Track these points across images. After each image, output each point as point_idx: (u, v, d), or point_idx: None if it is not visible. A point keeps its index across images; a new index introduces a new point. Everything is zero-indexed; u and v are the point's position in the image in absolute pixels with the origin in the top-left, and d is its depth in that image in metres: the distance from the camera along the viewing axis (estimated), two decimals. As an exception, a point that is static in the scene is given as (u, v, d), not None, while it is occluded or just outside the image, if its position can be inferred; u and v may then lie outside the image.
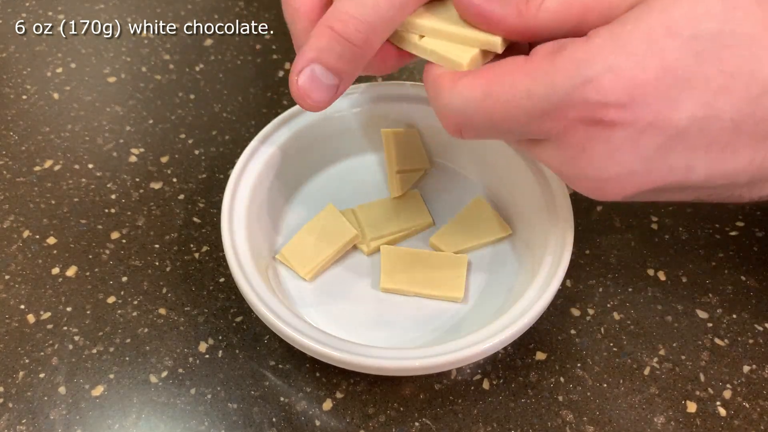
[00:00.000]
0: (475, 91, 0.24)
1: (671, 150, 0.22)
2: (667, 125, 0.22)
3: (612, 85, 0.22)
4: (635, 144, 0.22)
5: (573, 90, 0.22)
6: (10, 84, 0.48)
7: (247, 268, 0.33)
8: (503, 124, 0.24)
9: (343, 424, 0.33)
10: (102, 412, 0.33)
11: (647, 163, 0.23)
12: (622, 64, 0.22)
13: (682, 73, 0.22)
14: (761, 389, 0.35)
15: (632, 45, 0.22)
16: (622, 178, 0.23)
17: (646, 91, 0.22)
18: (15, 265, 0.39)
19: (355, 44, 0.26)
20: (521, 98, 0.23)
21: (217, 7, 0.54)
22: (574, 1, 0.24)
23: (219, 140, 0.45)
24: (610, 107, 0.22)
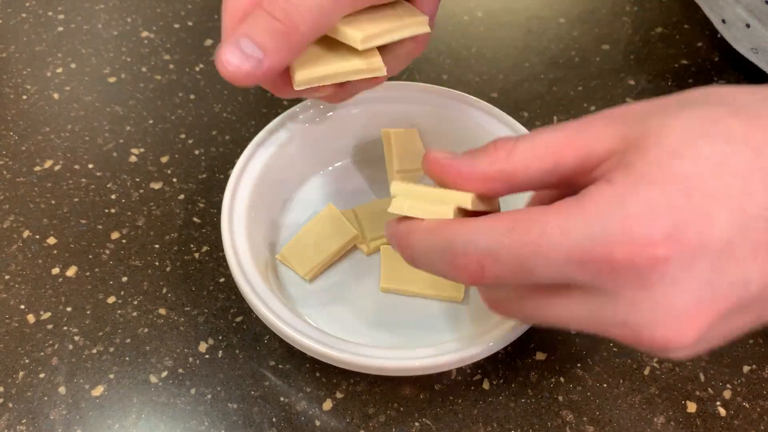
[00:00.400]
0: (499, 225, 0.23)
1: (725, 266, 0.22)
2: (712, 241, 0.21)
3: (651, 216, 0.21)
4: (693, 270, 0.21)
5: (614, 228, 0.21)
6: (10, 84, 0.48)
7: (247, 268, 0.33)
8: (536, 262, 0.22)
9: (343, 424, 0.33)
10: (102, 412, 0.33)
11: (710, 287, 0.22)
12: (652, 195, 0.21)
13: (706, 188, 0.21)
14: (761, 389, 0.35)
15: (652, 177, 0.21)
16: (693, 310, 0.22)
17: (682, 213, 0.21)
18: (15, 265, 0.39)
19: (279, 20, 0.27)
20: (553, 234, 0.22)
21: (217, 7, 0.54)
22: (544, 143, 0.24)
23: (219, 140, 0.45)
24: (658, 242, 0.21)
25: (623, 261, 0.21)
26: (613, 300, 0.22)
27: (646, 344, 0.22)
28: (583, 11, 0.54)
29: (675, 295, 0.21)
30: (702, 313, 0.22)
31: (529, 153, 0.24)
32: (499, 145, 0.24)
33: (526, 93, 0.48)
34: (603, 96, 0.48)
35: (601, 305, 0.22)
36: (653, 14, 0.54)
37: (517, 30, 0.53)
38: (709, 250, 0.21)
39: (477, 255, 0.23)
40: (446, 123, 0.40)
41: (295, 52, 0.28)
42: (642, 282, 0.21)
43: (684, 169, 0.21)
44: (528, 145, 0.24)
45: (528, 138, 0.24)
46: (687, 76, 0.49)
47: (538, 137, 0.24)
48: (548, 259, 0.22)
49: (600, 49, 0.51)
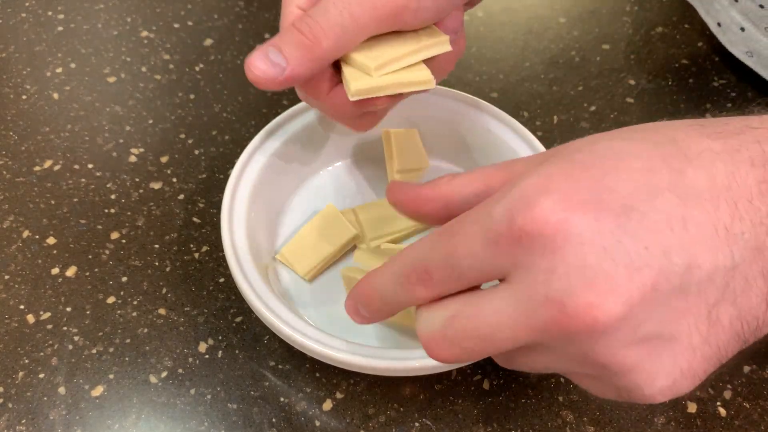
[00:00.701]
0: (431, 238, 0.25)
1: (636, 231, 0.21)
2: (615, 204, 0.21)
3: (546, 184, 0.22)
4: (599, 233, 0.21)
5: (510, 201, 0.22)
6: (10, 84, 0.48)
7: (247, 268, 0.33)
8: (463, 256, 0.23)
9: (343, 424, 0.33)
10: (102, 412, 0.33)
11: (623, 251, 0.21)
12: (547, 171, 0.22)
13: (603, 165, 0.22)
14: (761, 389, 0.35)
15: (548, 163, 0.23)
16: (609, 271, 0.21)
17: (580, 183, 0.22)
18: (15, 265, 0.39)
19: (304, 34, 0.30)
20: (471, 227, 0.23)
21: (217, 7, 0.54)
22: (480, 172, 0.26)
23: (219, 140, 0.45)
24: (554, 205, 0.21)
25: (526, 229, 0.21)
26: (532, 276, 0.21)
27: (574, 317, 0.21)
28: (583, 11, 0.54)
29: (586, 255, 0.21)
30: (620, 276, 0.21)
31: (465, 179, 0.26)
32: (444, 177, 0.27)
33: (526, 93, 0.48)
34: (603, 96, 0.48)
35: (524, 289, 0.22)
36: (653, 14, 0.54)
37: (517, 30, 0.53)
38: (613, 211, 0.21)
39: (415, 268, 0.24)
40: (446, 123, 0.40)
41: (316, 65, 0.30)
42: (551, 246, 0.21)
43: (583, 156, 0.23)
44: (465, 174, 0.27)
45: (467, 171, 0.27)
46: (687, 76, 0.49)
47: (475, 169, 0.27)
48: (468, 249, 0.23)
49: (600, 49, 0.51)
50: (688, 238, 0.21)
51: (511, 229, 0.22)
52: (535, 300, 0.21)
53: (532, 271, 0.21)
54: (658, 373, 0.22)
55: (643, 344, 0.22)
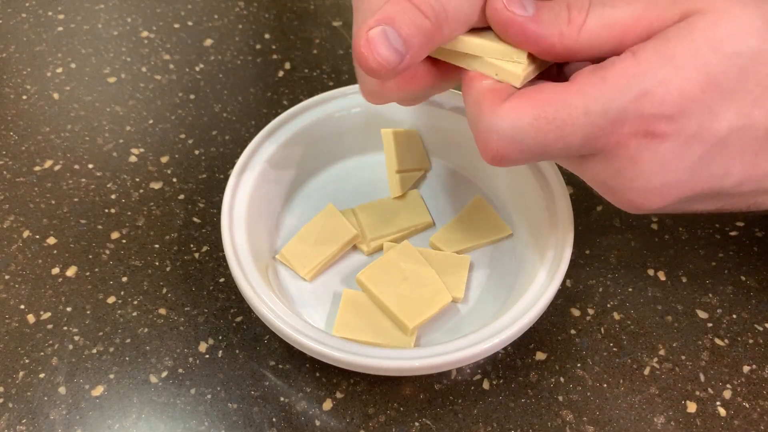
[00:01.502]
0: (524, 114, 0.23)
1: (712, 158, 0.23)
2: (709, 135, 0.23)
3: (665, 97, 0.22)
4: (681, 154, 0.23)
5: (629, 104, 0.23)
6: (10, 84, 0.48)
7: (247, 268, 0.33)
8: (557, 146, 0.24)
9: (343, 424, 0.33)
10: (102, 412, 0.33)
11: (690, 172, 0.24)
12: (671, 76, 0.22)
13: (725, 86, 0.23)
14: (761, 389, 0.35)
15: (679, 58, 0.22)
16: (666, 187, 0.24)
17: (692, 103, 0.23)
18: (15, 265, 0.39)
19: (427, 16, 0.25)
20: (578, 116, 0.23)
21: (217, 7, 0.54)
22: (615, 22, 0.24)
23: (219, 140, 0.45)
24: (662, 119, 0.23)
25: (628, 133, 0.23)
26: (605, 161, 0.24)
27: (617, 201, 0.25)
28: (583, 11, 0.54)
29: (658, 174, 0.24)
30: (674, 191, 0.24)
31: (596, 34, 0.24)
32: (572, 17, 0.24)
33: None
34: (603, 96, 0.48)
35: (593, 162, 0.25)
36: None
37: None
38: (704, 142, 0.23)
39: (498, 143, 0.24)
40: (446, 123, 0.40)
41: (427, 53, 0.26)
42: (634, 157, 0.24)
43: (712, 62, 0.22)
44: (597, 23, 0.24)
45: (598, 13, 0.24)
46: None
47: (609, 15, 0.24)
48: (567, 140, 0.24)
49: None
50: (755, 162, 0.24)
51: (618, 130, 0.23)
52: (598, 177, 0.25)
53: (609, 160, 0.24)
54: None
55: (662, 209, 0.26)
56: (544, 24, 0.24)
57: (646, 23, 0.23)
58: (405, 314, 0.33)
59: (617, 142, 0.23)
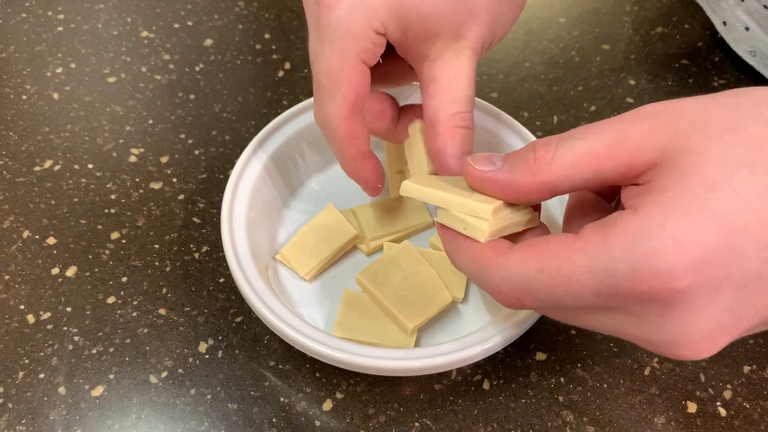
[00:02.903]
0: (529, 266, 0.24)
1: (750, 296, 0.22)
2: (738, 275, 0.22)
3: (675, 251, 0.21)
4: (715, 302, 0.22)
5: (637, 263, 0.22)
6: (10, 84, 0.48)
7: (247, 268, 0.33)
8: (568, 298, 0.24)
9: (343, 424, 0.33)
10: (102, 412, 0.33)
11: (731, 314, 0.23)
12: (679, 230, 0.21)
13: (737, 222, 0.22)
14: (761, 389, 0.35)
15: (682, 209, 0.22)
16: (712, 335, 0.23)
17: (710, 250, 0.21)
18: (15, 265, 0.39)
19: (472, 128, 0.31)
20: (582, 274, 0.23)
21: (217, 7, 0.54)
22: (586, 152, 0.24)
23: (219, 140, 0.45)
24: (680, 276, 0.21)
25: (648, 293, 0.22)
26: (639, 321, 0.23)
27: (665, 355, 0.24)
28: (583, 11, 0.54)
29: (696, 322, 0.22)
30: (721, 337, 0.23)
31: (569, 164, 0.24)
32: (539, 155, 0.25)
33: (526, 93, 0.48)
34: (603, 96, 0.48)
35: (627, 323, 0.24)
36: (653, 14, 0.54)
37: (517, 30, 0.53)
38: (735, 282, 0.22)
39: (513, 291, 0.25)
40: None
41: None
42: (665, 310, 0.22)
43: (717, 204, 0.21)
44: (568, 154, 0.24)
45: (567, 146, 0.24)
46: (687, 76, 0.49)
47: (578, 146, 0.24)
48: (577, 295, 0.23)
49: (600, 49, 0.51)
50: None
51: (633, 290, 0.22)
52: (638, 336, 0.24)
53: (642, 320, 0.23)
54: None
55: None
56: (513, 169, 0.25)
57: (622, 154, 0.23)
58: (405, 314, 0.33)
59: (640, 301, 0.22)
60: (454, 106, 0.30)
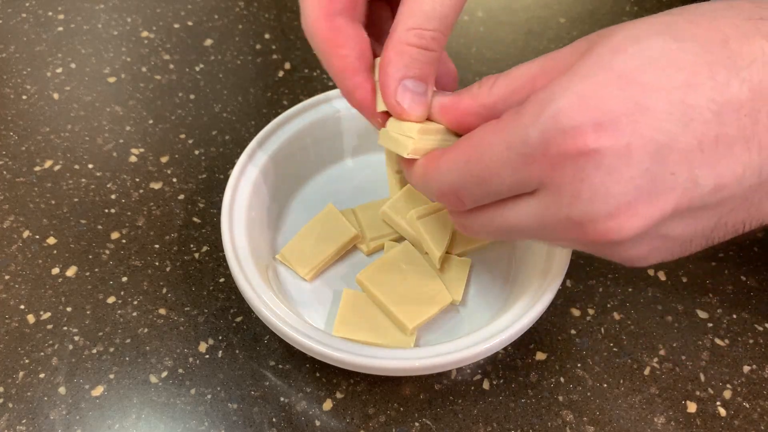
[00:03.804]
0: (458, 161, 0.25)
1: (665, 157, 0.21)
2: (648, 131, 0.21)
3: (580, 107, 0.21)
4: (627, 159, 0.21)
5: (545, 125, 0.22)
6: (10, 84, 0.48)
7: (247, 268, 0.33)
8: (494, 181, 0.24)
9: (343, 424, 0.33)
10: (102, 412, 0.33)
11: (649, 177, 0.21)
12: (582, 87, 0.22)
13: (642, 79, 0.21)
14: (761, 389, 0.35)
15: (585, 70, 0.22)
16: (632, 199, 0.22)
17: (616, 105, 0.21)
18: (15, 265, 0.39)
19: (433, 50, 0.27)
20: (502, 152, 0.23)
21: (217, 7, 0.54)
22: (521, 74, 0.25)
23: (219, 140, 0.45)
24: (587, 132, 0.21)
25: (558, 154, 0.22)
26: (556, 195, 0.23)
27: (591, 237, 0.23)
28: (583, 11, 0.54)
29: (612, 185, 0.22)
30: (642, 203, 0.22)
31: (507, 87, 0.26)
32: (482, 82, 0.26)
33: (526, 93, 0.48)
34: (603, 96, 0.48)
35: (547, 203, 0.23)
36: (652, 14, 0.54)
37: (517, 30, 0.53)
38: (645, 139, 0.21)
39: (451, 191, 0.26)
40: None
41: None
42: (579, 173, 0.22)
43: (622, 63, 0.22)
44: (506, 79, 0.26)
45: (507, 73, 0.26)
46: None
47: (515, 71, 0.26)
48: (501, 175, 0.24)
49: (600, 49, 0.51)
50: (717, 158, 0.22)
51: (544, 154, 0.22)
52: (559, 217, 0.23)
53: (559, 191, 0.23)
54: (650, 259, 0.25)
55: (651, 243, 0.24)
56: (457, 95, 0.27)
57: (555, 70, 0.24)
58: (405, 314, 0.33)
59: (553, 166, 0.22)
60: (411, 20, 0.26)
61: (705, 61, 0.22)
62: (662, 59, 0.22)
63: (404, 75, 0.27)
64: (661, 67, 0.22)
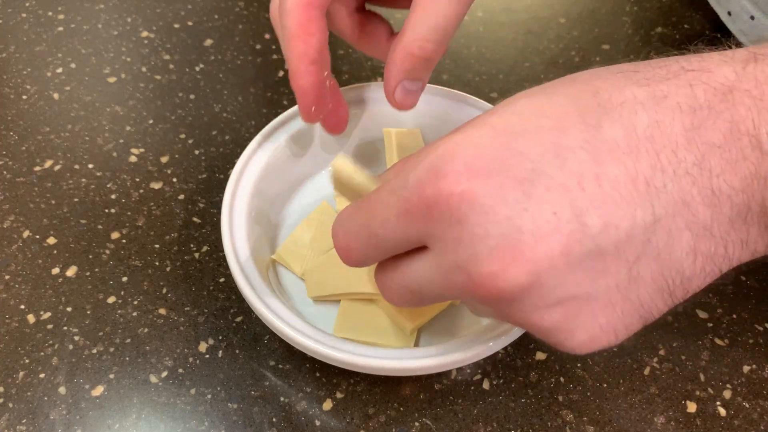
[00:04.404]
0: (350, 208, 0.26)
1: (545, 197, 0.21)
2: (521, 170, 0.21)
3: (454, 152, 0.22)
4: (504, 201, 0.21)
5: (421, 169, 0.22)
6: (10, 84, 0.48)
7: (247, 268, 0.33)
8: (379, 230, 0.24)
9: (343, 424, 0.33)
10: (102, 412, 0.33)
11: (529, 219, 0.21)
12: (457, 137, 0.22)
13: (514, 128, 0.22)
14: (761, 389, 0.35)
15: (465, 127, 0.23)
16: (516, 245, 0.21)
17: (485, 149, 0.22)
18: (15, 265, 0.39)
19: (433, 59, 0.31)
20: (385, 197, 0.24)
21: (217, 7, 0.54)
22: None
23: (219, 140, 0.45)
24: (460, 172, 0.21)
25: (434, 200, 0.22)
26: (443, 245, 0.22)
27: (481, 286, 0.21)
28: (583, 11, 0.54)
29: (490, 225, 0.21)
30: (526, 245, 0.20)
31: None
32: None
33: (526, 93, 0.48)
34: (603, 96, 0.48)
35: (438, 255, 0.23)
36: (653, 14, 0.54)
37: (517, 30, 0.53)
38: (519, 178, 0.21)
39: (343, 236, 0.26)
40: (446, 123, 0.40)
41: None
42: (456, 217, 0.21)
43: (495, 119, 0.23)
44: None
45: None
46: (687, 76, 0.49)
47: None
48: (386, 220, 0.24)
49: (600, 49, 0.51)
50: (602, 197, 0.21)
51: (420, 201, 0.22)
52: (448, 267, 0.22)
53: (443, 240, 0.22)
54: (576, 331, 0.23)
55: (559, 306, 0.22)
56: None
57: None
58: (405, 314, 0.33)
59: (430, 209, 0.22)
60: (418, 31, 0.30)
61: (575, 108, 0.22)
62: (533, 112, 0.22)
63: (404, 78, 0.31)
64: (532, 117, 0.22)
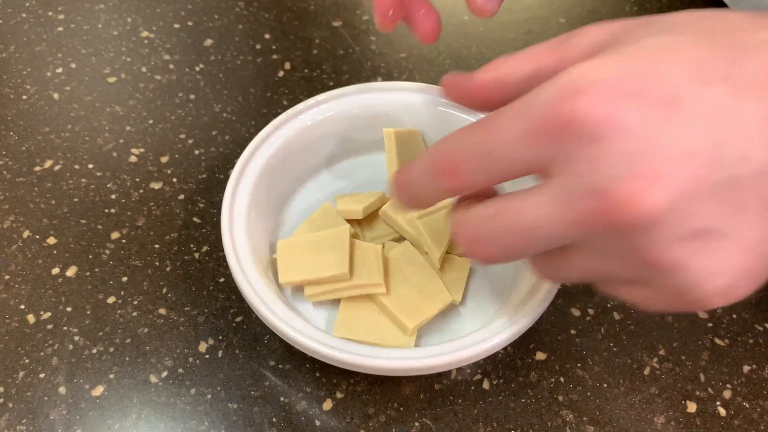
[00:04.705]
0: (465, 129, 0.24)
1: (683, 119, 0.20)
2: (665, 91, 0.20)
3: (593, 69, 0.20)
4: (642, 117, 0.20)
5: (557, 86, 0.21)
6: (10, 84, 0.48)
7: (247, 268, 0.33)
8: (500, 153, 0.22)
9: (343, 424, 0.33)
10: (102, 412, 0.33)
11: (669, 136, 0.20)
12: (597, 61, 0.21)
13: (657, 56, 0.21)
14: (761, 389, 0.35)
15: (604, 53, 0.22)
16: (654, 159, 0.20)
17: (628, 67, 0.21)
18: (15, 265, 0.39)
19: None
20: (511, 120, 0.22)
21: (217, 7, 0.54)
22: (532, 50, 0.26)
23: (219, 140, 0.45)
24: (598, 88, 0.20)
25: (571, 118, 0.20)
26: (574, 167, 0.21)
27: (616, 209, 0.20)
28: (583, 11, 0.54)
29: (632, 143, 0.20)
30: (667, 165, 0.20)
31: (516, 61, 0.26)
32: (497, 60, 0.27)
33: (526, 93, 0.48)
34: (603, 96, 0.48)
35: (565, 180, 0.21)
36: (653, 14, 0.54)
37: (517, 30, 0.53)
38: (662, 100, 0.20)
39: (445, 156, 0.24)
40: (446, 124, 0.40)
41: None
42: (595, 134, 0.20)
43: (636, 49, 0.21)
44: (517, 55, 0.26)
45: (520, 51, 0.26)
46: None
47: (528, 49, 0.26)
48: (506, 138, 0.22)
49: (600, 49, 0.51)
50: (740, 130, 0.20)
51: (554, 118, 0.21)
52: (578, 191, 0.21)
53: (574, 161, 0.21)
54: (713, 272, 0.21)
55: (695, 239, 0.21)
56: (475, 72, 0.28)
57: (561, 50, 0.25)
58: (405, 314, 0.33)
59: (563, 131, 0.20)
60: None
61: (714, 44, 0.21)
62: (669, 46, 0.21)
63: None
64: (670, 50, 0.21)
